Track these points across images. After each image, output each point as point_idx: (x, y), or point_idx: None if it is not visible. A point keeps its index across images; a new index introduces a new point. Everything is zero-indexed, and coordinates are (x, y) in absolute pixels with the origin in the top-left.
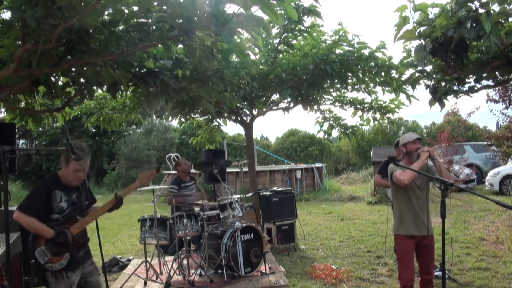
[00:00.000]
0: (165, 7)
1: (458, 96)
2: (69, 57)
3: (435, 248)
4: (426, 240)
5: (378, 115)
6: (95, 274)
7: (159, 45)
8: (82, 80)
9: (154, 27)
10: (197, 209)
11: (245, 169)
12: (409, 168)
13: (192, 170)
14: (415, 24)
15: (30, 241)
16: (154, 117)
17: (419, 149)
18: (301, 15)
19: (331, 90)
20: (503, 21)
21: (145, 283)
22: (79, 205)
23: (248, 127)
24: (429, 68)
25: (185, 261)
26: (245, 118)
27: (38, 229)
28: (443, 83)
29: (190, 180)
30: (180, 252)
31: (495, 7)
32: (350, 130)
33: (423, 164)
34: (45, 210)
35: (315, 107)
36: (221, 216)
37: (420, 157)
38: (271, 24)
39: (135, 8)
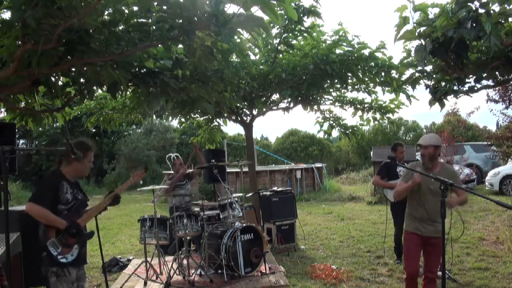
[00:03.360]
0: (165, 7)
1: (458, 96)
2: (69, 57)
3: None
4: (434, 240)
5: (378, 115)
6: (83, 280)
7: (159, 45)
8: (82, 80)
9: (154, 27)
10: (197, 209)
11: (245, 169)
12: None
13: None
14: (415, 24)
15: (41, 233)
16: (154, 117)
17: (424, 157)
18: (301, 15)
19: (331, 90)
20: (503, 21)
21: (145, 283)
22: (81, 200)
23: (248, 127)
24: (429, 68)
25: (185, 261)
26: (245, 118)
27: (51, 219)
28: (443, 83)
29: (184, 179)
30: (180, 252)
31: (495, 7)
32: (350, 130)
33: (409, 187)
34: (53, 200)
35: (315, 107)
36: (221, 216)
37: (410, 180)
38: (271, 24)
39: (135, 8)
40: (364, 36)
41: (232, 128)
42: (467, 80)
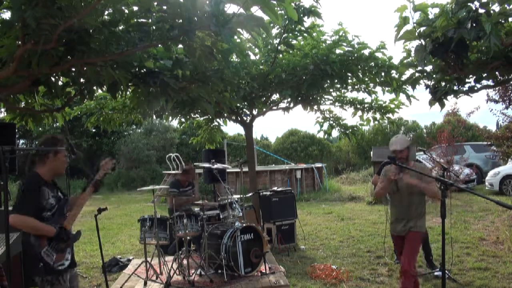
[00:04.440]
0: (165, 7)
1: (458, 96)
2: (69, 57)
3: (432, 248)
4: (407, 234)
5: (378, 115)
6: (76, 280)
7: (159, 45)
8: (82, 80)
9: (154, 27)
10: (197, 209)
11: (245, 169)
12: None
13: None
14: (415, 25)
15: (33, 241)
16: (154, 117)
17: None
18: (301, 15)
19: (331, 90)
20: (503, 21)
21: (145, 283)
22: (64, 200)
23: (248, 127)
24: (429, 68)
25: (185, 261)
26: (245, 118)
27: (39, 228)
28: (443, 83)
29: (188, 186)
30: (180, 252)
31: (495, 7)
32: (350, 130)
33: (384, 186)
34: (37, 209)
35: (315, 107)
36: (221, 216)
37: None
38: (271, 24)
39: (135, 8)
40: (364, 36)
41: (232, 128)
42: (467, 80)
